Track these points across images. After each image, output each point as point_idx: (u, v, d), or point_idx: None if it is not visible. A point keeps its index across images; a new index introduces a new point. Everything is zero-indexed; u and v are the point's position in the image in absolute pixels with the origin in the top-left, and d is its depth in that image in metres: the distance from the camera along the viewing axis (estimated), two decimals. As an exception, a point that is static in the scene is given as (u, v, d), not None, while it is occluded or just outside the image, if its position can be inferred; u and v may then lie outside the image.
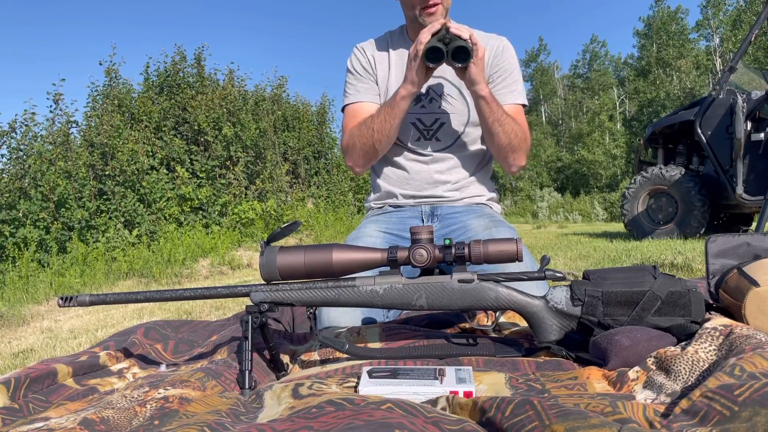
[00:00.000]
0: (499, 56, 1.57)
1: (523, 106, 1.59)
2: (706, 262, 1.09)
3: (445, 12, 1.47)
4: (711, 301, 1.08)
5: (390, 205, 1.63)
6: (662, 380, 0.79)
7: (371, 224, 1.57)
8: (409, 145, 1.58)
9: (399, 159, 1.60)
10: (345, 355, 1.05)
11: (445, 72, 1.53)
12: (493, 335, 1.16)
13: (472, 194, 1.61)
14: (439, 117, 1.55)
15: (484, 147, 1.62)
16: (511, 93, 1.56)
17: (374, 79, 1.59)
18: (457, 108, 1.55)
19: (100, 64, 8.19)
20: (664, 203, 5.85)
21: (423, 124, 1.56)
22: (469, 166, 1.60)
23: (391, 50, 1.60)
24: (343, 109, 1.63)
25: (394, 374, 0.88)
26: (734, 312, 0.98)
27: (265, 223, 8.08)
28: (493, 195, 1.67)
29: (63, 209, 6.15)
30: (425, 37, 1.33)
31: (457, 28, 1.35)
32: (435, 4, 1.44)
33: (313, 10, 67.87)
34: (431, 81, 1.53)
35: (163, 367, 1.16)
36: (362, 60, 1.60)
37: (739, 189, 5.13)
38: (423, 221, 1.58)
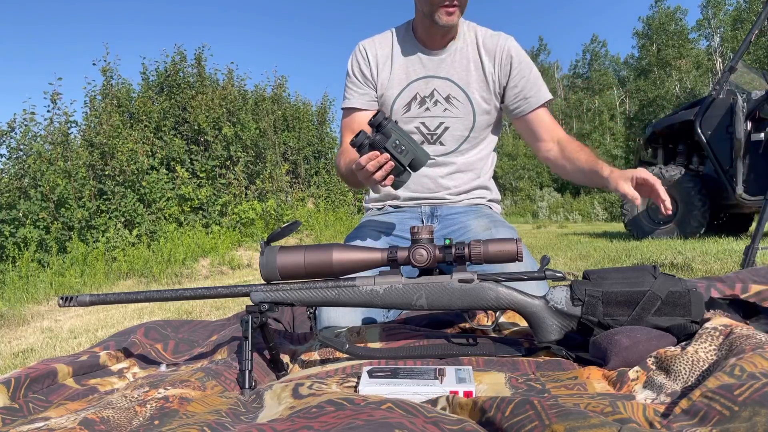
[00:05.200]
0: (516, 56, 1.52)
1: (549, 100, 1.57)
2: None
3: (460, 14, 1.45)
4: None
5: (390, 206, 1.63)
6: (662, 380, 0.79)
7: (371, 224, 1.57)
8: None
9: None
10: (345, 355, 1.05)
11: (451, 73, 1.52)
12: (493, 335, 1.16)
13: (473, 196, 1.60)
14: (444, 121, 1.53)
15: (488, 150, 1.61)
16: (539, 90, 1.54)
17: (373, 84, 1.56)
18: (463, 112, 1.52)
19: (94, 64, 8.17)
20: (664, 203, 5.84)
21: (427, 128, 1.54)
22: (473, 169, 1.59)
23: (395, 49, 1.57)
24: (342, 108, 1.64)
25: (394, 374, 0.88)
26: None
27: (265, 223, 8.07)
28: (495, 196, 1.66)
29: (63, 209, 6.15)
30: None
31: None
32: (455, 5, 1.41)
33: (313, 8, 67.90)
34: (437, 82, 1.52)
35: (163, 367, 1.16)
36: (362, 64, 1.56)
37: (739, 189, 5.13)
38: (423, 222, 1.57)
